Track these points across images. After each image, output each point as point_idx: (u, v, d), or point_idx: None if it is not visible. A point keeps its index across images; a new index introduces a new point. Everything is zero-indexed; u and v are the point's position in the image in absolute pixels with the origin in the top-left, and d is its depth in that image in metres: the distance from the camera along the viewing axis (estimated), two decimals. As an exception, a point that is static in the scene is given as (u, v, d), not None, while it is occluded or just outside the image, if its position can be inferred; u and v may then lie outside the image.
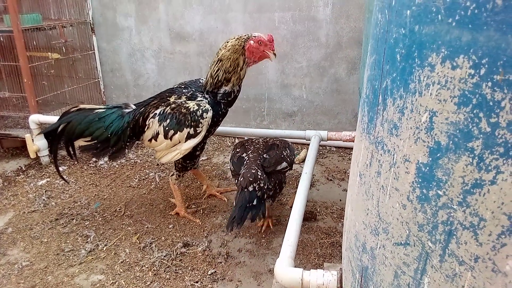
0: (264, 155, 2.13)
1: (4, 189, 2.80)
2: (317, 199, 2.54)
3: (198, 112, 2.04)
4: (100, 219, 2.42)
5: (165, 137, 2.08)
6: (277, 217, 2.37)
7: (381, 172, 0.85)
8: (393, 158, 0.81)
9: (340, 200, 2.50)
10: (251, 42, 2.04)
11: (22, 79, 3.07)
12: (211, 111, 2.07)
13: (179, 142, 2.09)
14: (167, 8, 3.35)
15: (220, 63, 2.05)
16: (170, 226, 2.31)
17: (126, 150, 2.28)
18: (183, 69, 3.51)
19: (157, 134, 2.11)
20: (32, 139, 3.02)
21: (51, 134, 2.28)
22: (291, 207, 2.41)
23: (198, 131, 2.06)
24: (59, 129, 2.23)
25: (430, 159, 0.72)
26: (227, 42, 2.07)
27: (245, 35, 2.07)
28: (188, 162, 2.28)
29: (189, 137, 2.07)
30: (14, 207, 2.57)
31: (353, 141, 2.42)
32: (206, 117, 2.05)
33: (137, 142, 2.31)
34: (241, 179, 1.97)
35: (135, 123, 2.19)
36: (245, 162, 2.09)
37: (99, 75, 3.77)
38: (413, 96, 0.75)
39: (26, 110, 3.34)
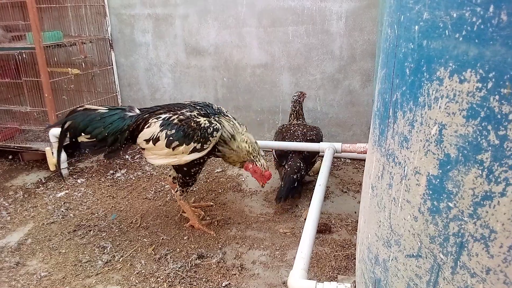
0: (305, 152, 2.69)
1: (24, 201, 2.87)
2: (331, 211, 2.54)
3: (209, 129, 2.06)
4: (117, 230, 2.46)
5: (167, 146, 2.09)
6: (291, 229, 2.37)
7: (392, 184, 0.86)
8: (404, 170, 0.82)
9: (355, 213, 2.48)
10: (250, 166, 2.22)
11: (43, 94, 3.17)
12: (221, 131, 2.09)
13: (182, 153, 2.10)
14: (183, 23, 3.43)
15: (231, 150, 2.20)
16: (185, 238, 2.33)
17: (121, 152, 2.32)
18: (199, 83, 3.57)
19: (157, 139, 2.11)
20: (52, 152, 3.10)
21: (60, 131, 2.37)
22: (305, 219, 2.41)
23: (204, 147, 2.08)
24: (65, 125, 2.31)
25: (440, 171, 0.73)
26: (243, 145, 2.19)
27: (252, 156, 2.20)
28: (187, 178, 2.28)
29: (194, 151, 2.08)
30: (34, 219, 2.63)
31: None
32: (216, 136, 2.07)
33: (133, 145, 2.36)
34: (289, 169, 2.61)
35: (135, 127, 2.22)
36: (289, 156, 2.69)
37: (117, 89, 3.86)
38: (423, 109, 0.76)
39: (46, 123, 3.44)
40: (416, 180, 0.79)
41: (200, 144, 2.06)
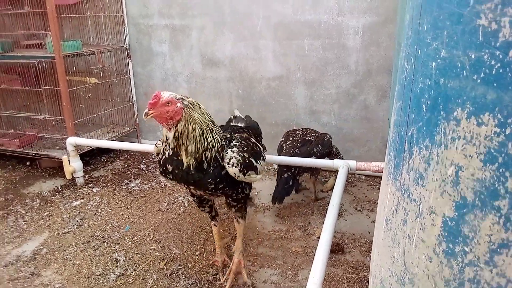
0: (296, 150, 2.65)
1: (41, 209, 2.91)
2: (344, 230, 2.50)
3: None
4: (130, 243, 2.47)
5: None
6: (303, 247, 2.35)
7: (407, 220, 0.84)
8: (419, 208, 0.80)
9: (369, 233, 2.45)
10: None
11: (61, 102, 3.22)
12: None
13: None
14: (200, 35, 3.46)
15: None
16: (197, 253, 2.33)
17: None
18: (214, 94, 3.59)
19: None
20: (69, 161, 3.15)
21: None
22: (318, 237, 2.38)
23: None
24: None
25: (456, 214, 0.71)
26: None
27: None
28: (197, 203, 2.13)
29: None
30: (49, 228, 2.66)
31: (382, 172, 2.38)
32: None
33: None
34: (280, 169, 2.63)
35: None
36: (282, 152, 2.68)
37: (133, 99, 3.91)
38: (439, 148, 0.74)
39: (64, 131, 3.50)
40: (431, 220, 0.77)
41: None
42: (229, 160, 1.78)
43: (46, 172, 3.57)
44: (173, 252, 2.34)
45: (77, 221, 2.73)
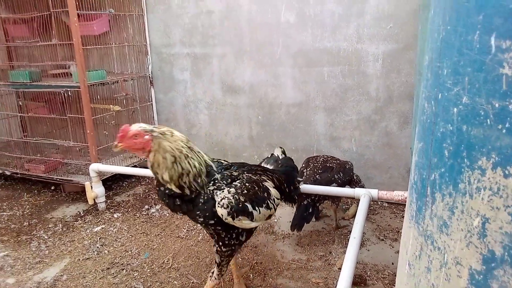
0: (317, 176, 2.64)
1: (63, 234, 2.95)
2: (367, 260, 2.44)
3: None
4: (148, 270, 2.46)
5: None
6: (324, 279, 2.29)
7: (431, 269, 0.81)
8: (444, 257, 0.77)
9: (393, 264, 2.37)
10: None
11: (86, 129, 3.30)
12: None
13: None
14: (220, 62, 3.51)
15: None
16: (215, 283, 2.30)
17: None
18: (234, 120, 3.61)
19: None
20: (91, 186, 3.20)
21: None
22: (339, 268, 2.33)
23: None
24: None
25: (484, 267, 0.68)
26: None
27: None
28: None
29: None
30: (70, 254, 2.69)
31: (406, 202, 2.32)
32: None
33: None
34: (300, 196, 2.53)
35: None
36: (303, 178, 2.63)
37: (155, 125, 3.96)
38: (463, 197, 0.71)
39: (87, 157, 3.57)
40: (457, 271, 0.73)
41: None
42: (221, 200, 1.73)
43: (70, 196, 3.63)
44: (191, 282, 2.32)
45: (98, 247, 2.75)
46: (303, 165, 2.82)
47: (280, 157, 2.37)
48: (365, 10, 2.92)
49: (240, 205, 1.76)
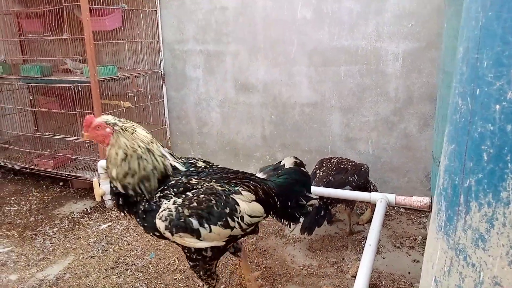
0: (330, 177, 2.52)
1: (69, 231, 2.89)
2: (382, 269, 2.31)
3: None
4: (153, 271, 2.38)
5: None
6: (336, 287, 2.17)
7: (463, 287, 0.69)
8: (479, 276, 0.65)
9: (409, 273, 2.24)
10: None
11: (95, 125, 3.24)
12: None
13: None
14: (234, 60, 3.42)
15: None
16: (222, 287, 2.20)
17: None
18: (246, 119, 3.52)
19: None
20: (99, 183, 3.13)
21: None
22: (352, 276, 2.21)
23: None
24: None
25: (534, 288, 0.56)
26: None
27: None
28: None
29: None
30: (75, 251, 2.63)
31: (425, 208, 2.19)
32: None
33: None
34: None
35: None
36: (315, 179, 2.53)
37: (166, 122, 3.90)
38: (506, 208, 0.60)
39: (96, 153, 3.52)
40: (498, 291, 0.62)
41: None
42: (162, 211, 1.56)
43: (78, 193, 3.58)
44: (197, 285, 2.23)
45: (103, 245, 2.68)
46: (316, 166, 2.71)
47: (287, 167, 1.93)
48: (384, 7, 2.80)
49: (182, 220, 1.54)
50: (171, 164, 1.73)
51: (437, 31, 2.64)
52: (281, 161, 1.98)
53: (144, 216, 1.63)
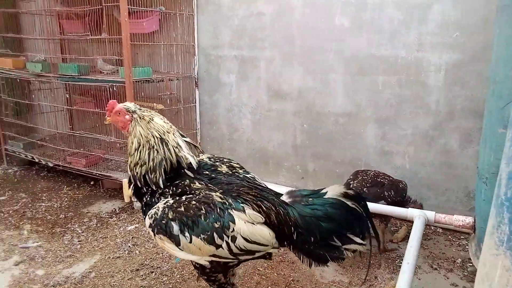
0: (365, 189, 2.43)
1: (97, 230, 2.90)
2: (417, 290, 2.18)
3: None
4: (178, 276, 2.34)
5: None
6: (367, 306, 2.06)
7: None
8: None
9: (447, 297, 2.11)
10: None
11: (128, 126, 3.26)
12: None
13: None
14: (268, 66, 3.38)
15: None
16: (247, 297, 2.13)
17: None
18: (278, 127, 3.46)
19: None
20: (129, 184, 3.13)
21: None
22: (385, 296, 2.09)
23: None
24: None
25: None
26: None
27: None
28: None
29: None
30: (102, 250, 2.62)
31: (468, 228, 2.06)
32: None
33: None
34: None
35: None
36: None
37: (197, 127, 3.89)
38: None
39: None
40: None
41: None
42: (152, 209, 1.54)
43: (108, 193, 3.61)
44: (222, 294, 2.16)
45: (129, 246, 2.67)
46: (351, 177, 2.62)
47: (328, 196, 1.59)
48: (428, 16, 2.69)
49: (164, 221, 1.48)
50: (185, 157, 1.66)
51: (484, 43, 2.50)
52: (323, 188, 1.64)
53: (144, 209, 1.63)
